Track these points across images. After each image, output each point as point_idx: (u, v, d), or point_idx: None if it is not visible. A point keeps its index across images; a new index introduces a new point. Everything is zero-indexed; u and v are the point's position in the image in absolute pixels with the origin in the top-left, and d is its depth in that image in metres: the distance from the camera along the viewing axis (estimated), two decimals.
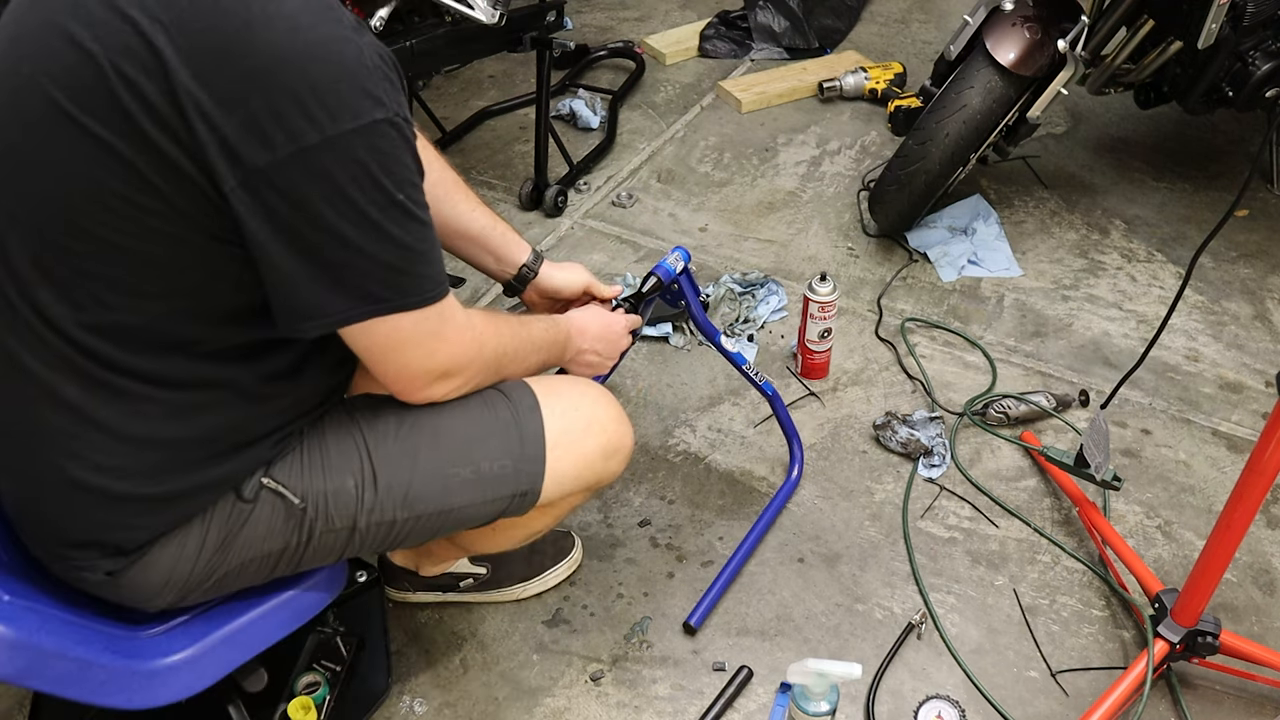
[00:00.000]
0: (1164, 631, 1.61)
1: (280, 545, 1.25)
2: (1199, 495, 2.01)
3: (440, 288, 1.15)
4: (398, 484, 1.27)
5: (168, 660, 1.20)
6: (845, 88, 3.09)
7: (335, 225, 1.03)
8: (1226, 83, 2.42)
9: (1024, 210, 2.71)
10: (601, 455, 1.40)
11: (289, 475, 1.24)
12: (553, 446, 1.35)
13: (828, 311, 2.14)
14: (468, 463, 1.30)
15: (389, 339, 1.14)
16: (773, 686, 1.70)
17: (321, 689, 1.57)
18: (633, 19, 3.54)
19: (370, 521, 1.28)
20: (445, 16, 2.38)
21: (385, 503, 1.27)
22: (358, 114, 1.00)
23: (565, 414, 1.37)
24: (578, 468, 1.39)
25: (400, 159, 1.05)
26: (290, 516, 1.24)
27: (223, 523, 1.21)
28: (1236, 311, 2.41)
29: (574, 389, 1.42)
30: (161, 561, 1.18)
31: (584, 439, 1.38)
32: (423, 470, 1.28)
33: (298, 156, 0.99)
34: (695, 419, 2.16)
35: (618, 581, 1.86)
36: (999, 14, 2.30)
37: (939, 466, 2.04)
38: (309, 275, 1.06)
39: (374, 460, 1.26)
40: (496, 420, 1.32)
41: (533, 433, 1.34)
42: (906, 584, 1.85)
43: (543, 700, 1.69)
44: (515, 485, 1.34)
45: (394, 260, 1.08)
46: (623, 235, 2.64)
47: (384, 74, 1.04)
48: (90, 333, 1.07)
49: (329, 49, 1.00)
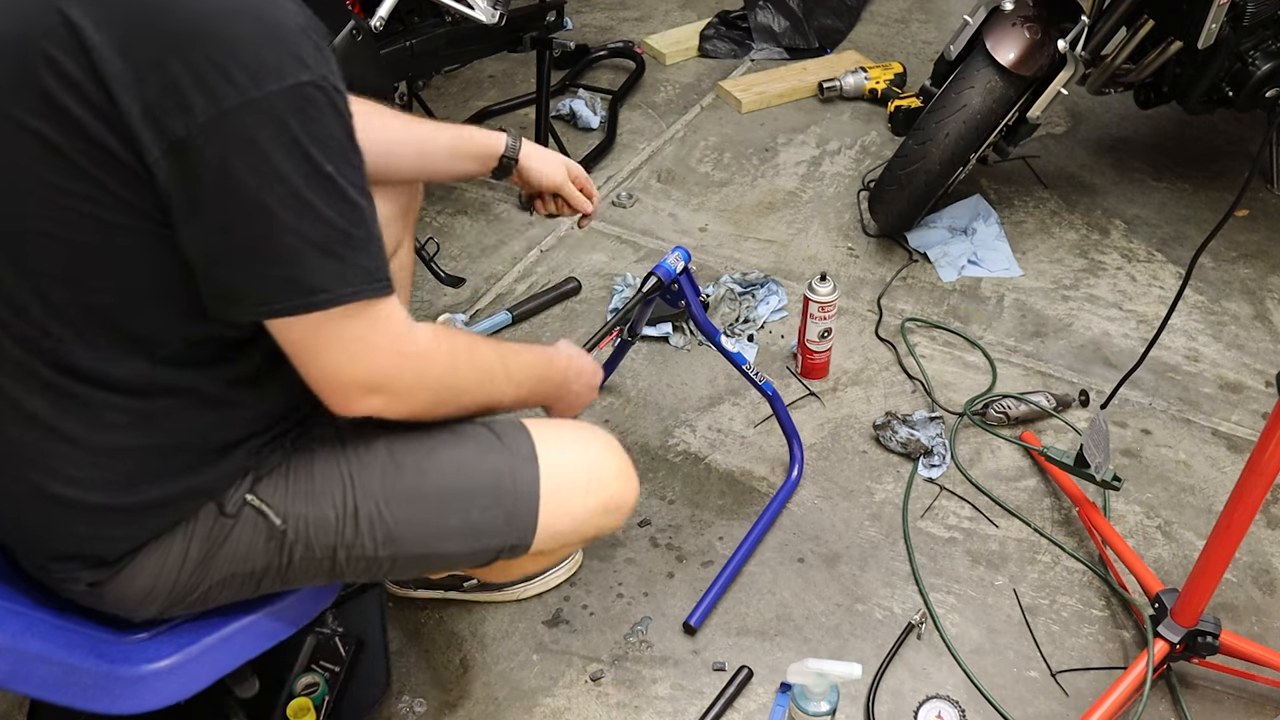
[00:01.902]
0: (1164, 631, 1.61)
1: (263, 564, 1.21)
2: (1199, 495, 2.01)
3: (375, 285, 1.05)
4: (379, 524, 1.21)
5: (153, 666, 1.18)
6: (845, 88, 3.09)
7: (257, 196, 0.96)
8: (1226, 83, 2.42)
9: (1024, 210, 2.71)
10: (600, 512, 1.33)
11: (274, 494, 1.20)
12: (547, 501, 1.27)
13: (828, 311, 2.14)
14: (455, 512, 1.24)
15: (310, 336, 1.05)
16: (773, 686, 1.70)
17: (320, 690, 1.58)
18: (633, 19, 3.54)
19: (350, 555, 1.22)
20: (445, 16, 2.38)
21: (366, 540, 1.22)
22: (281, 75, 0.95)
23: (564, 467, 1.29)
24: (574, 524, 1.31)
25: (329, 128, 0.99)
26: (271, 537, 1.19)
27: (205, 536, 1.17)
28: (1236, 311, 2.41)
29: (576, 438, 1.34)
30: (144, 573, 1.16)
31: (583, 496, 1.31)
32: (407, 513, 1.22)
33: (218, 121, 0.94)
34: (695, 419, 2.16)
35: (618, 581, 1.86)
36: (999, 14, 2.30)
37: (939, 466, 2.04)
38: (229, 253, 0.99)
39: (357, 496, 1.21)
40: (489, 469, 1.25)
41: (527, 486, 1.26)
42: (906, 584, 1.85)
43: (543, 700, 1.69)
44: (504, 539, 1.28)
45: (321, 240, 1.00)
46: (623, 235, 2.64)
47: (310, 39, 0.98)
48: (45, 337, 1.04)
49: (250, 9, 0.95)
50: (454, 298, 2.45)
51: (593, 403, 1.73)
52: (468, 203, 2.74)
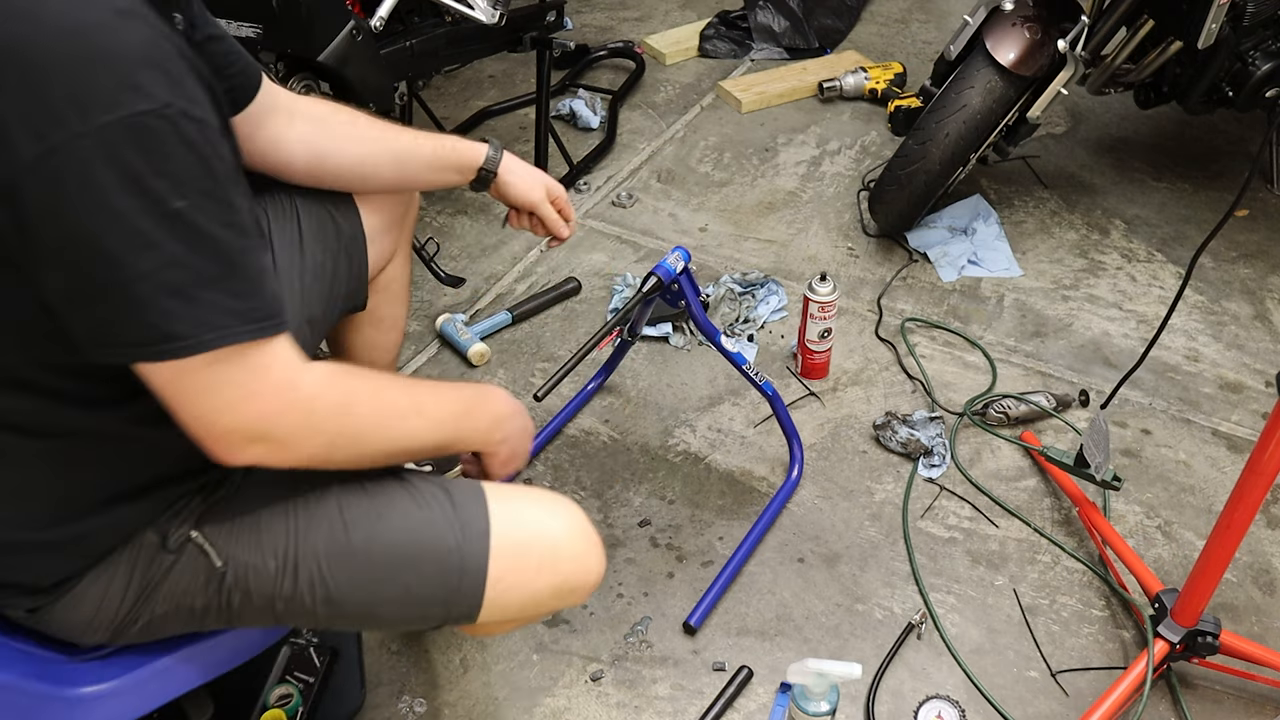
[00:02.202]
0: (1164, 631, 1.61)
1: (203, 603, 1.16)
2: (1199, 495, 2.01)
3: (249, 327, 0.96)
4: (319, 584, 1.16)
5: (94, 689, 1.14)
6: (845, 88, 3.09)
7: (95, 238, 0.88)
8: (1226, 83, 2.42)
9: (1024, 210, 2.71)
10: (552, 595, 1.24)
11: (219, 533, 1.15)
12: (496, 580, 1.19)
13: (828, 311, 2.14)
14: (398, 583, 1.18)
15: (176, 383, 0.96)
16: (773, 686, 1.70)
17: (294, 701, 1.56)
18: (633, 19, 3.54)
19: (289, 608, 1.18)
20: (445, 16, 2.38)
21: (304, 596, 1.17)
22: (113, 106, 0.87)
23: (518, 545, 1.21)
24: (521, 603, 1.24)
25: (177, 160, 0.90)
26: (211, 579, 1.15)
27: (146, 570, 1.13)
28: (1236, 311, 2.41)
29: (536, 512, 1.25)
30: (85, 602, 1.13)
31: (534, 577, 1.22)
32: (348, 578, 1.17)
33: (45, 159, 0.86)
34: (695, 419, 2.16)
35: (618, 581, 1.86)
36: (999, 14, 2.30)
37: (939, 466, 2.04)
38: (75, 298, 0.92)
39: (300, 551, 1.16)
40: (439, 541, 1.18)
41: (474, 563, 1.19)
42: (906, 584, 1.85)
43: (542, 700, 1.69)
44: (447, 612, 1.22)
45: (173, 282, 0.91)
46: (623, 235, 2.64)
47: (156, 63, 0.89)
48: None
49: (79, 38, 0.87)
50: (454, 298, 2.45)
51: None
52: (468, 203, 2.74)
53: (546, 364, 2.29)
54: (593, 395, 2.20)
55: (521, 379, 2.25)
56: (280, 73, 2.10)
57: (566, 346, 2.33)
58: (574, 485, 2.03)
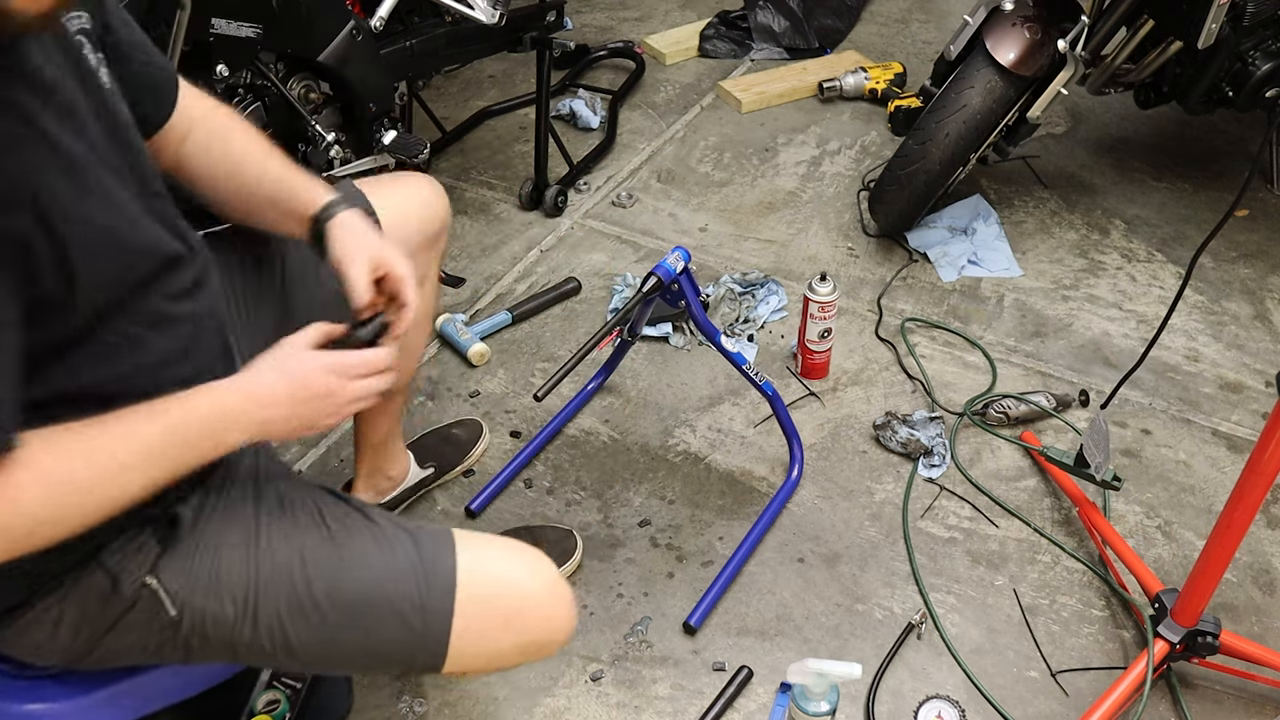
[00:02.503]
0: (1164, 631, 1.61)
1: (156, 644, 1.14)
2: (1199, 495, 2.01)
3: None
4: (278, 633, 1.14)
5: (39, 707, 1.13)
6: (845, 88, 3.09)
7: None
8: (1226, 83, 2.42)
9: (1024, 210, 2.71)
10: (518, 651, 1.22)
11: (175, 577, 1.12)
12: (459, 635, 1.17)
13: (828, 311, 2.14)
14: (359, 633, 1.16)
15: None
16: (773, 686, 1.70)
17: (282, 707, 1.56)
18: (633, 19, 3.54)
19: (248, 652, 1.16)
20: (445, 16, 2.38)
21: (264, 642, 1.15)
22: None
23: (485, 601, 1.18)
24: (489, 658, 1.22)
25: None
26: (167, 625, 1.12)
27: (99, 610, 1.11)
28: (1236, 311, 2.41)
29: (506, 566, 1.21)
30: (36, 630, 1.11)
31: (499, 634, 1.19)
32: (307, 628, 1.15)
33: None
34: (695, 419, 2.16)
35: (618, 581, 1.86)
36: (999, 14, 2.30)
37: (939, 466, 2.04)
38: None
39: (259, 601, 1.13)
40: (401, 595, 1.15)
41: (438, 618, 1.16)
42: (906, 584, 1.85)
43: (542, 700, 1.69)
44: (410, 663, 1.20)
45: None
46: (623, 235, 2.64)
47: None
48: None
49: None
50: (454, 298, 2.45)
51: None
52: (468, 203, 2.74)
53: (546, 364, 2.29)
54: (593, 395, 2.20)
55: (521, 379, 2.25)
56: (280, 73, 2.10)
57: (566, 346, 2.33)
58: (574, 485, 2.03)
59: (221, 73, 1.98)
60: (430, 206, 1.56)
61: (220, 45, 1.94)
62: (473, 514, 1.97)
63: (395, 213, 1.47)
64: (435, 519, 1.96)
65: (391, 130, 2.28)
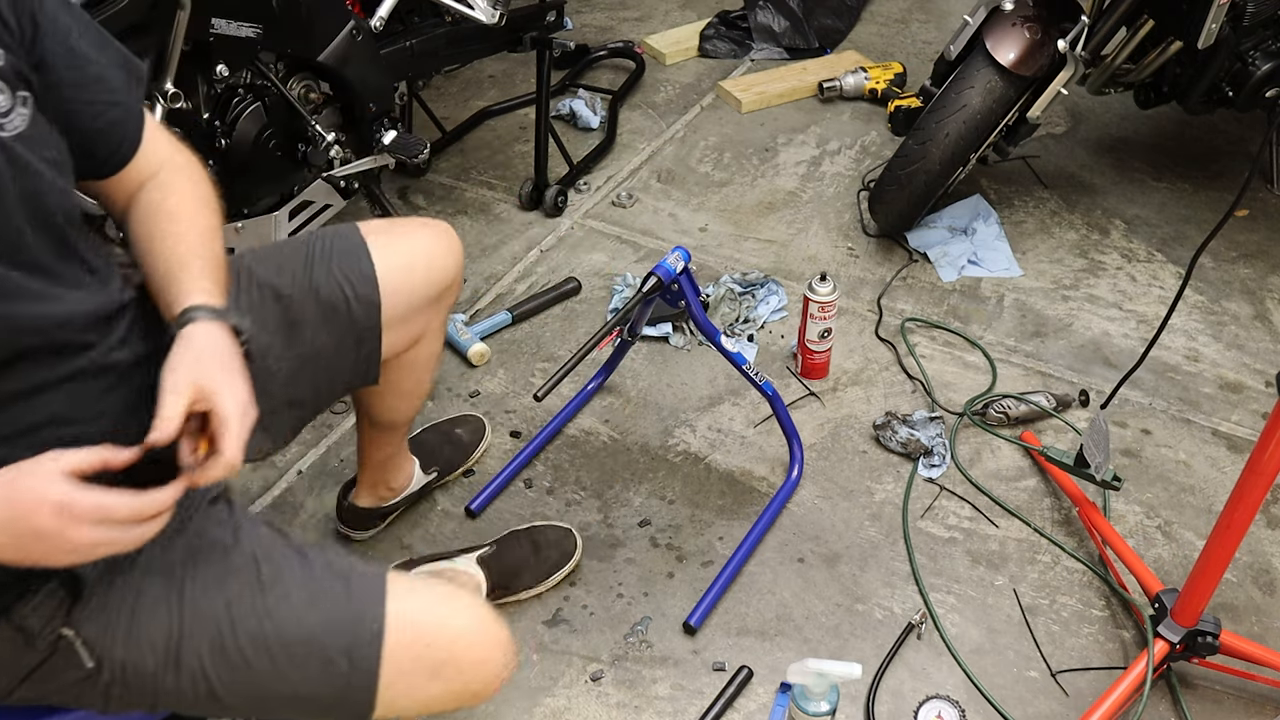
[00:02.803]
0: (1164, 631, 1.61)
1: (76, 693, 1.12)
2: (1199, 495, 2.01)
3: None
4: (202, 681, 1.11)
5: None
6: (845, 88, 3.09)
7: None
8: (1226, 83, 2.42)
9: (1024, 210, 2.71)
10: (450, 698, 1.19)
11: (94, 627, 1.09)
12: (388, 686, 1.14)
13: (828, 311, 2.14)
14: (283, 682, 1.13)
15: None
16: (773, 686, 1.70)
17: None
18: (633, 19, 3.54)
19: (173, 700, 1.13)
20: (445, 16, 2.38)
21: (186, 691, 1.12)
22: None
23: (413, 650, 1.15)
24: (419, 706, 1.19)
25: None
26: (85, 676, 1.10)
27: (14, 660, 1.08)
28: (1236, 311, 2.41)
29: (435, 614, 1.18)
30: None
31: (427, 684, 1.16)
32: (231, 677, 1.12)
33: None
34: (695, 419, 2.16)
35: (618, 581, 1.86)
36: (999, 14, 2.30)
37: (939, 466, 2.04)
38: None
39: (182, 650, 1.10)
40: (326, 646, 1.13)
41: (364, 668, 1.13)
42: (906, 584, 1.85)
43: (543, 700, 1.69)
44: (338, 712, 1.18)
45: None
46: (623, 235, 2.64)
47: None
48: None
49: None
50: None
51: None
52: (468, 203, 2.74)
53: (546, 364, 2.29)
54: (593, 395, 2.20)
55: (521, 379, 2.25)
56: (280, 73, 2.10)
57: (566, 346, 2.33)
58: (574, 485, 2.03)
59: (221, 73, 1.98)
60: (439, 260, 1.50)
61: (220, 45, 1.94)
62: (473, 514, 1.97)
63: (400, 263, 1.44)
64: (435, 519, 1.96)
65: (391, 130, 2.28)
